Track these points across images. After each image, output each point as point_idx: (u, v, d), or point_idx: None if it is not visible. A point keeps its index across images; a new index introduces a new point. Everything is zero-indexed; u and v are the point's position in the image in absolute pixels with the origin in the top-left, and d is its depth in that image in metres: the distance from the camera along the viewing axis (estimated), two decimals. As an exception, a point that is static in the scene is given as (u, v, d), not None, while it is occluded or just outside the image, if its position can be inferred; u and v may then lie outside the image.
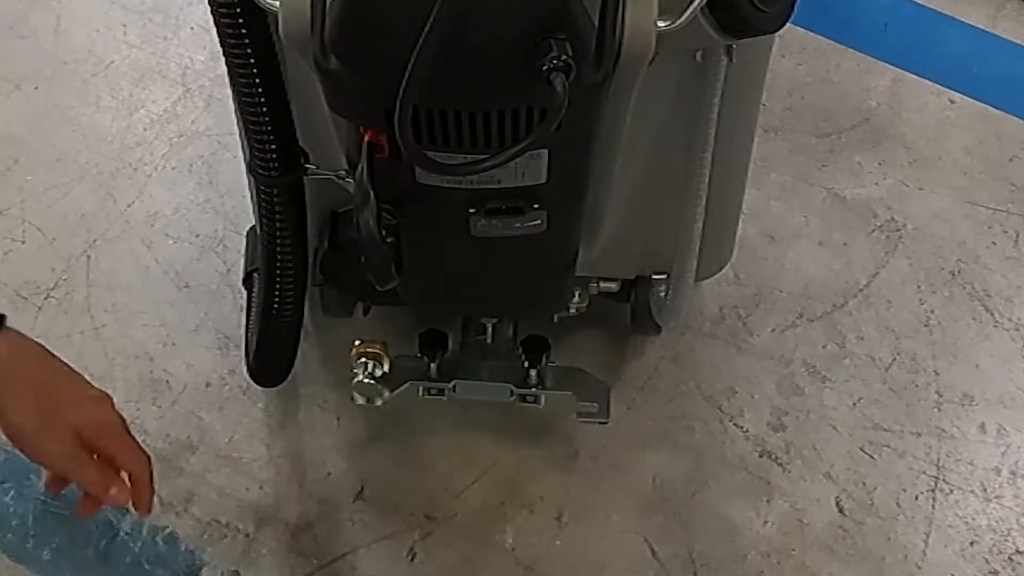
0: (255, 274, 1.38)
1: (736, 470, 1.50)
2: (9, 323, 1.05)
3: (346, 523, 1.45)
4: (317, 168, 1.17)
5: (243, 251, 1.52)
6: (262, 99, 1.08)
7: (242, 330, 1.49)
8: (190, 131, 1.78)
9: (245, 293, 1.46)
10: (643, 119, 1.10)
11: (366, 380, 1.35)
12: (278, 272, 1.26)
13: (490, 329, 1.42)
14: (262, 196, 1.19)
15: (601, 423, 1.44)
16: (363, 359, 1.35)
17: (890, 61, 1.85)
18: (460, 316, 1.44)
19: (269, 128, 1.10)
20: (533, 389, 1.40)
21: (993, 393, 1.56)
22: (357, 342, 1.36)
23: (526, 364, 1.38)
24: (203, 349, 1.57)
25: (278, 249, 1.23)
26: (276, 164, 1.14)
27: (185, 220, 1.69)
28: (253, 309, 1.41)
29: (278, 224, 1.21)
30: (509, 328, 1.43)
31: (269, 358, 1.42)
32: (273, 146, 1.12)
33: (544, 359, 1.38)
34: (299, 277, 1.28)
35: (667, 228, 1.23)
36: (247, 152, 1.15)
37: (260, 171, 1.15)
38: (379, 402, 1.39)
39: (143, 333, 1.59)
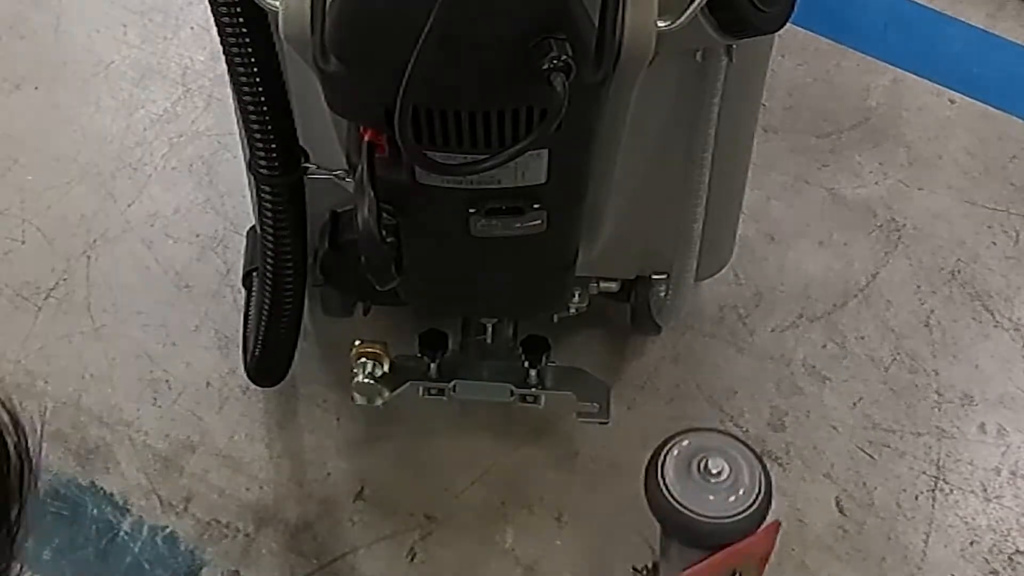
0: (254, 273, 1.39)
1: (736, 470, 1.49)
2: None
3: (346, 523, 1.45)
4: (317, 168, 1.17)
5: (243, 251, 1.52)
6: (263, 99, 1.08)
7: (242, 330, 1.49)
8: (190, 131, 1.78)
9: (244, 293, 1.46)
10: (643, 119, 1.10)
11: (366, 380, 1.35)
12: (278, 272, 1.26)
13: (490, 329, 1.42)
14: (262, 196, 1.19)
15: (601, 423, 1.44)
16: (363, 359, 1.35)
17: (890, 61, 1.85)
18: (460, 316, 1.44)
19: (270, 127, 1.10)
20: (533, 389, 1.40)
21: (993, 393, 1.56)
22: (357, 342, 1.36)
23: (526, 364, 1.38)
24: (203, 349, 1.57)
25: (278, 249, 1.23)
26: (277, 163, 1.14)
27: (185, 220, 1.68)
28: (252, 309, 1.41)
29: (278, 224, 1.21)
30: (509, 328, 1.43)
31: (268, 358, 1.42)
32: (274, 145, 1.12)
33: (544, 359, 1.38)
34: (299, 277, 1.28)
35: (667, 228, 1.23)
36: (247, 152, 1.15)
37: (261, 170, 1.14)
38: (379, 402, 1.39)
39: (143, 333, 1.58)
